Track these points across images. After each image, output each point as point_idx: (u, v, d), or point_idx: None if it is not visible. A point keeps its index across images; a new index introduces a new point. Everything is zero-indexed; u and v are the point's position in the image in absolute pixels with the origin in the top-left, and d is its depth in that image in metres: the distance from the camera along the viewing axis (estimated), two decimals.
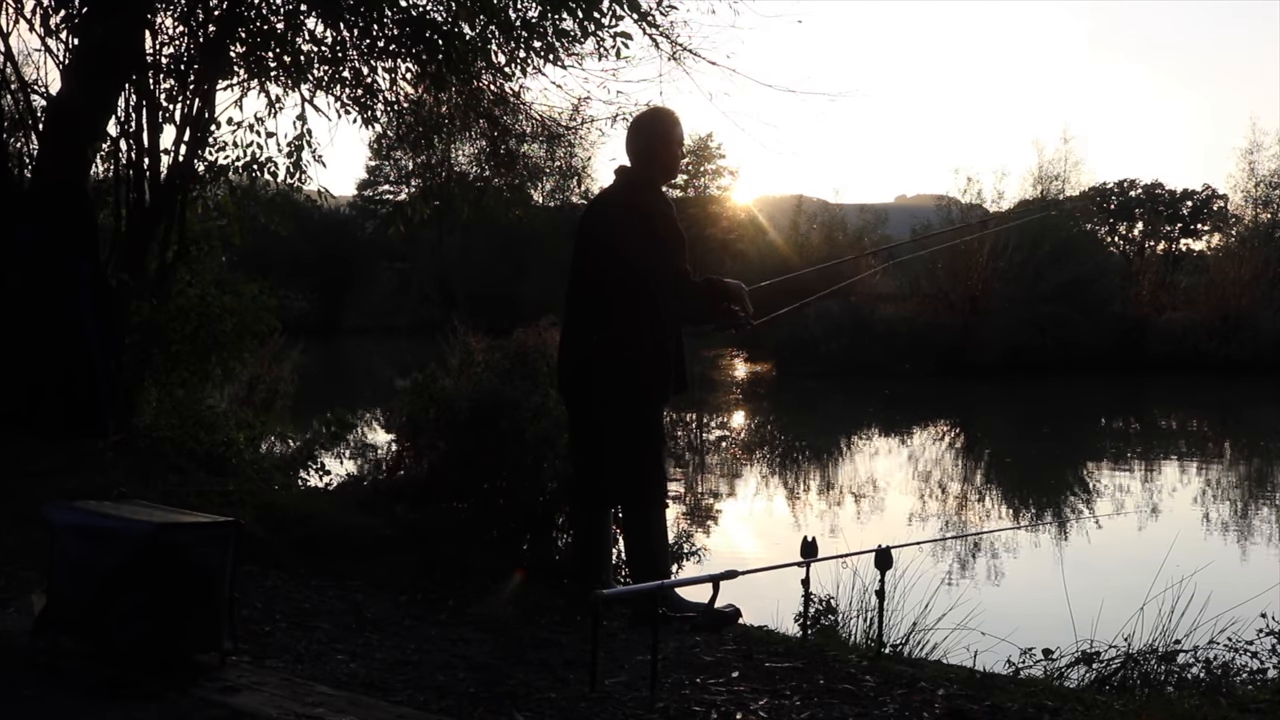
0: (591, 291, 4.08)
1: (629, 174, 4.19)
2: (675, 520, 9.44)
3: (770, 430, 19.51)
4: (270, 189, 7.90)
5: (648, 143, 4.16)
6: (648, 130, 4.19)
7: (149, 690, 2.87)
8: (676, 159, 4.23)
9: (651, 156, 4.15)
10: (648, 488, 4.02)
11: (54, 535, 3.19)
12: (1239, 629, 4.31)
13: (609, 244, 4.06)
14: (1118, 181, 52.66)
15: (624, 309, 3.97)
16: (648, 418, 4.03)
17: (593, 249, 4.13)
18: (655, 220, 4.02)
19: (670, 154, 4.19)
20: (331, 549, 4.72)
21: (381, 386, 18.73)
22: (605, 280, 4.04)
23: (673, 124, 4.22)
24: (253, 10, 6.96)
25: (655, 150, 4.15)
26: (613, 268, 4.02)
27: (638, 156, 4.17)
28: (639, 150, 4.17)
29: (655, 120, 4.27)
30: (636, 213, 4.02)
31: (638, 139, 4.18)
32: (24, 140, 7.10)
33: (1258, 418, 21.65)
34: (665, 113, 4.36)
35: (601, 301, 4.04)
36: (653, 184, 4.15)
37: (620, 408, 3.99)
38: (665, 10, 7.39)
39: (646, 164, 4.15)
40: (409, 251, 46.42)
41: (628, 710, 2.99)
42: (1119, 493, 12.37)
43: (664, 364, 4.02)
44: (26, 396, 6.33)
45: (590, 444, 4.12)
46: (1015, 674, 3.87)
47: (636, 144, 4.17)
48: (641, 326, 3.97)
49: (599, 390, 4.01)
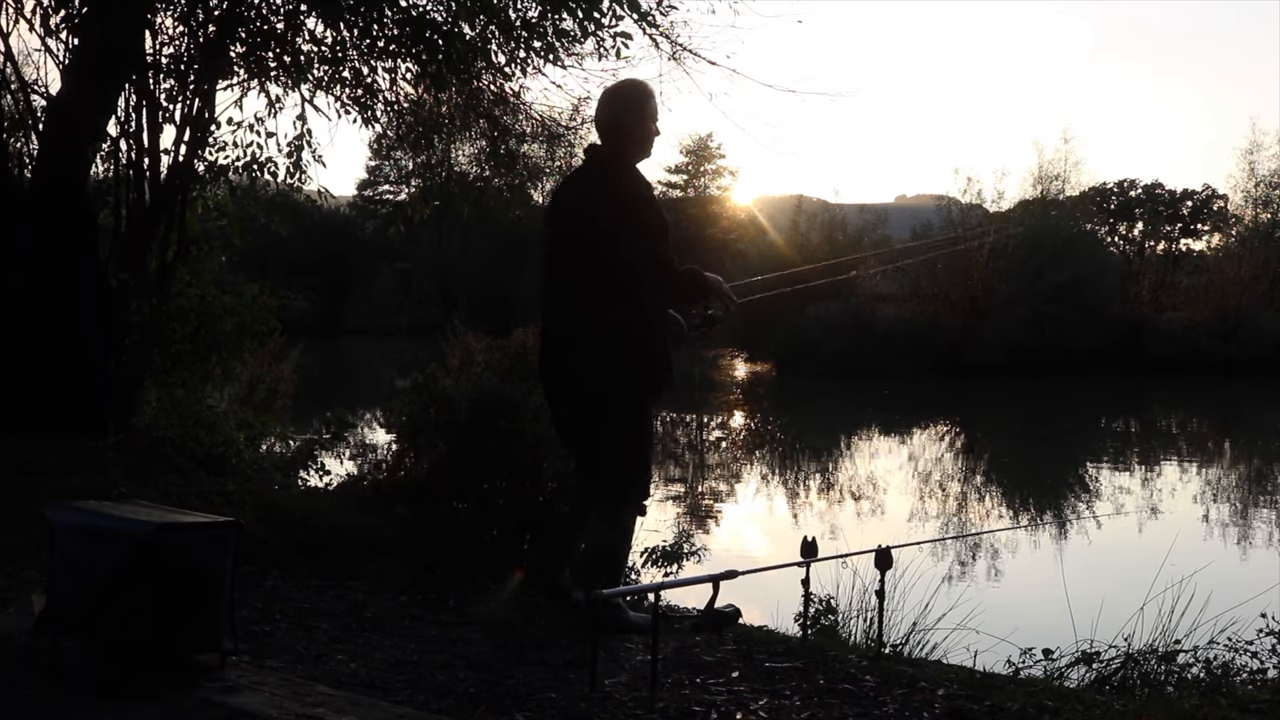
0: (571, 281, 3.78)
1: (600, 152, 3.87)
2: (675, 520, 9.44)
3: (770, 430, 19.51)
4: (270, 189, 7.90)
5: (619, 117, 3.81)
6: (619, 103, 3.84)
7: (149, 690, 2.87)
8: (650, 134, 3.86)
9: (624, 132, 3.80)
10: (630, 485, 3.81)
11: (54, 535, 3.19)
12: (1239, 629, 4.31)
13: (583, 229, 3.74)
14: (1118, 181, 52.75)
15: (610, 298, 3.68)
16: (638, 413, 3.81)
17: (568, 235, 3.82)
18: (632, 202, 3.73)
19: (644, 129, 3.83)
20: (331, 549, 4.71)
21: (381, 386, 18.71)
22: (585, 268, 3.73)
23: (646, 96, 3.88)
24: (253, 10, 6.96)
25: (628, 125, 3.80)
26: (591, 255, 3.71)
27: (610, 132, 3.83)
28: (610, 125, 3.82)
29: (627, 92, 3.90)
30: (611, 194, 3.71)
31: (608, 113, 3.84)
32: (24, 140, 7.10)
33: (1258, 418, 21.65)
34: (637, 84, 4.00)
35: (584, 291, 3.73)
36: (625, 161, 3.81)
37: (611, 402, 3.75)
38: (665, 10, 7.41)
39: (619, 140, 3.81)
40: (409, 251, 46.42)
41: (628, 710, 2.99)
42: (1119, 493, 12.37)
43: (654, 357, 3.77)
44: (26, 396, 6.33)
45: (580, 435, 3.90)
46: (1015, 674, 3.86)
47: (607, 118, 3.83)
48: (630, 317, 3.69)
49: (590, 384, 3.76)
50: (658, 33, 7.44)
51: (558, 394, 3.93)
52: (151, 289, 6.86)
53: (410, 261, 47.51)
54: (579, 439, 3.93)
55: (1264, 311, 29.42)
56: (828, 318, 27.96)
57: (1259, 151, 37.78)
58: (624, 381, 3.74)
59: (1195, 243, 51.20)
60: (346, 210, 49.90)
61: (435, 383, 5.75)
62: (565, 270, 3.82)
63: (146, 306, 6.75)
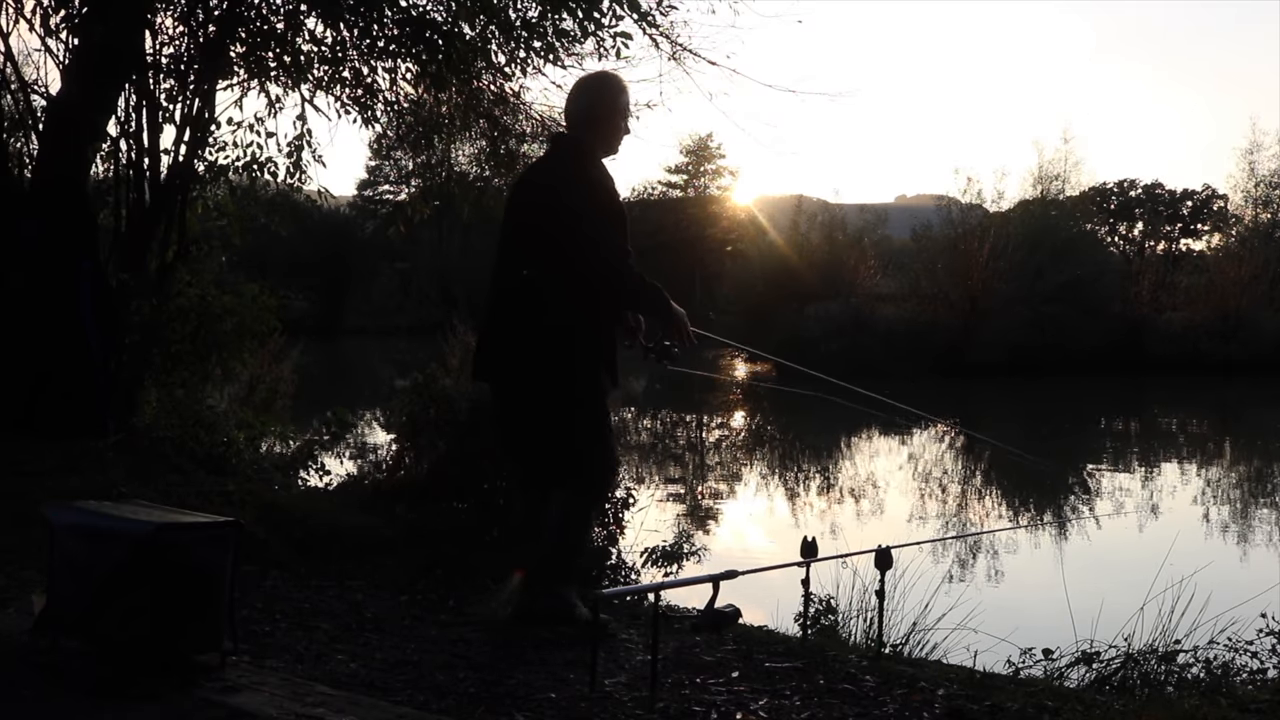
0: (524, 270, 3.67)
1: (567, 141, 3.84)
2: (675, 520, 9.44)
3: (770, 430, 19.51)
4: (270, 189, 7.90)
5: (590, 109, 3.76)
6: (591, 95, 3.80)
7: (149, 690, 2.87)
8: (619, 130, 3.81)
9: (593, 124, 3.75)
10: (591, 477, 3.73)
11: (54, 535, 3.19)
12: (1239, 629, 4.31)
13: (549, 203, 3.66)
14: (1118, 181, 52.81)
15: (561, 289, 3.59)
16: (592, 405, 3.69)
17: (533, 206, 3.72)
18: (597, 189, 3.65)
19: (614, 124, 3.79)
20: (332, 549, 4.71)
21: (381, 386, 18.73)
22: (538, 258, 3.63)
23: (619, 90, 3.84)
24: (253, 10, 6.96)
25: (598, 118, 3.75)
26: (545, 244, 3.62)
27: (578, 123, 3.79)
28: (579, 115, 3.78)
29: (600, 85, 3.87)
30: (577, 178, 3.64)
31: (578, 103, 3.80)
32: (24, 140, 7.10)
33: (1258, 418, 21.66)
34: (611, 77, 3.98)
35: (536, 281, 3.63)
36: (591, 153, 3.74)
37: (562, 398, 3.65)
38: (665, 10, 7.41)
39: (586, 130, 3.76)
40: (409, 251, 46.47)
41: (628, 710, 2.99)
42: (1119, 493, 12.38)
43: (601, 352, 3.69)
44: (27, 396, 6.33)
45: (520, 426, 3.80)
46: (1015, 674, 3.87)
47: (577, 109, 3.79)
48: (582, 309, 3.61)
49: (539, 379, 3.67)
50: (658, 33, 7.45)
51: (510, 387, 3.80)
52: (151, 289, 6.86)
53: (410, 261, 47.56)
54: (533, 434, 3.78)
55: (1264, 311, 29.45)
56: (827, 318, 27.98)
57: (1259, 151, 37.89)
58: (577, 379, 3.65)
59: (1195, 243, 51.33)
60: (346, 210, 49.95)
61: (435, 383, 5.75)
62: (527, 241, 3.69)
63: (146, 306, 6.75)
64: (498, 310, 3.76)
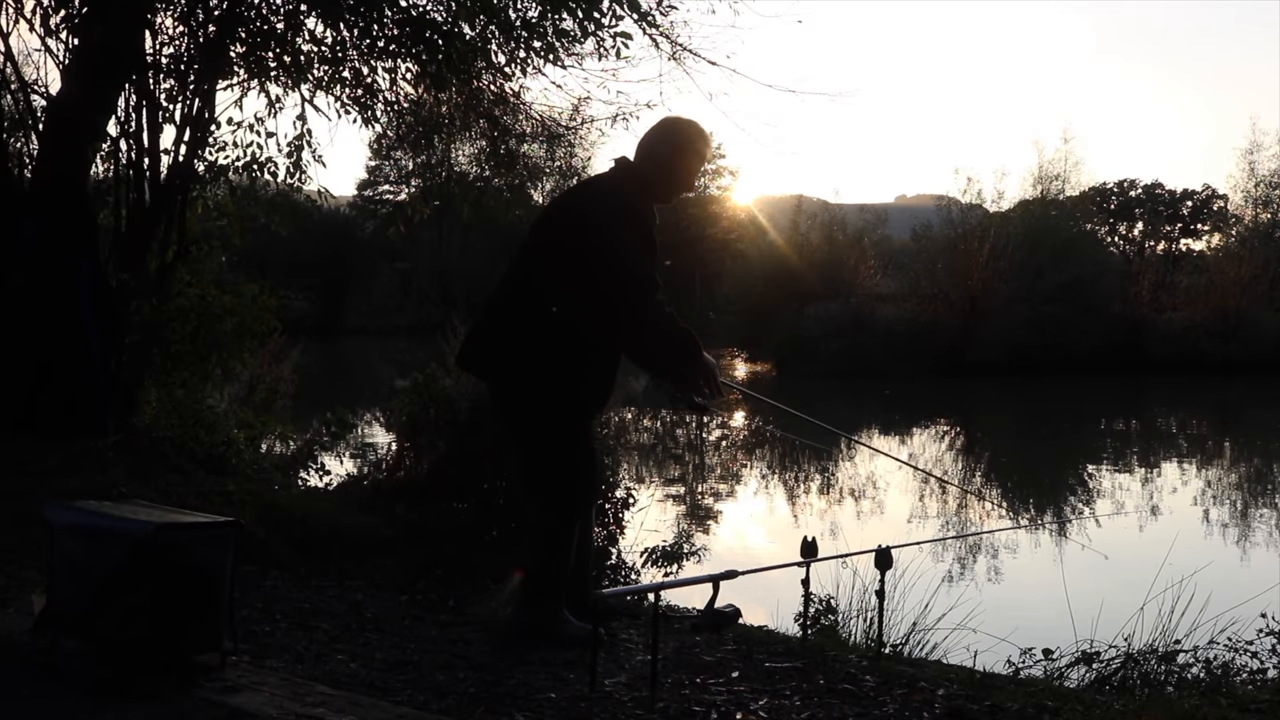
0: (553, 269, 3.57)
1: (625, 166, 3.72)
2: (675, 520, 9.45)
3: (770, 430, 19.50)
4: (270, 189, 7.90)
5: (661, 145, 3.68)
6: (667, 131, 3.72)
7: (149, 690, 2.87)
8: (685, 173, 3.72)
9: (660, 160, 3.66)
10: (552, 496, 3.62)
11: (54, 535, 3.19)
12: (1239, 629, 4.31)
13: (559, 239, 3.58)
14: (1118, 181, 52.80)
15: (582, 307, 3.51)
16: (561, 424, 3.60)
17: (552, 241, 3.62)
18: (638, 219, 3.55)
19: (681, 164, 3.69)
20: (332, 549, 4.71)
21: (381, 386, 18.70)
22: (553, 271, 3.55)
23: (696, 135, 3.72)
24: (253, 10, 6.96)
25: (666, 155, 3.66)
26: (572, 260, 3.52)
27: (645, 156, 3.70)
28: (649, 150, 3.70)
29: (680, 126, 3.75)
30: (625, 206, 3.55)
31: (652, 138, 3.72)
32: (24, 140, 7.10)
33: (1258, 418, 21.66)
34: (694, 125, 3.78)
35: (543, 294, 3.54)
36: (646, 186, 3.66)
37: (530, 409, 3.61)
38: (665, 10, 7.41)
39: (649, 163, 3.67)
40: (409, 251, 46.45)
41: (628, 710, 2.99)
42: (1119, 493, 12.38)
43: (590, 373, 3.61)
44: (26, 396, 6.34)
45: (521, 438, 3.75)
46: (1015, 674, 3.87)
47: (650, 143, 3.71)
48: (599, 329, 3.52)
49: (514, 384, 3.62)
50: (658, 33, 7.45)
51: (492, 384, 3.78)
52: (151, 289, 6.86)
53: (410, 261, 47.54)
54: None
55: (1264, 311, 29.45)
56: (828, 317, 27.98)
57: (1259, 151, 37.87)
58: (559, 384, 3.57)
59: (1195, 243, 51.35)
60: (346, 210, 49.92)
61: (435, 383, 5.74)
62: (551, 255, 3.60)
63: (146, 306, 6.75)
64: (497, 306, 3.72)
